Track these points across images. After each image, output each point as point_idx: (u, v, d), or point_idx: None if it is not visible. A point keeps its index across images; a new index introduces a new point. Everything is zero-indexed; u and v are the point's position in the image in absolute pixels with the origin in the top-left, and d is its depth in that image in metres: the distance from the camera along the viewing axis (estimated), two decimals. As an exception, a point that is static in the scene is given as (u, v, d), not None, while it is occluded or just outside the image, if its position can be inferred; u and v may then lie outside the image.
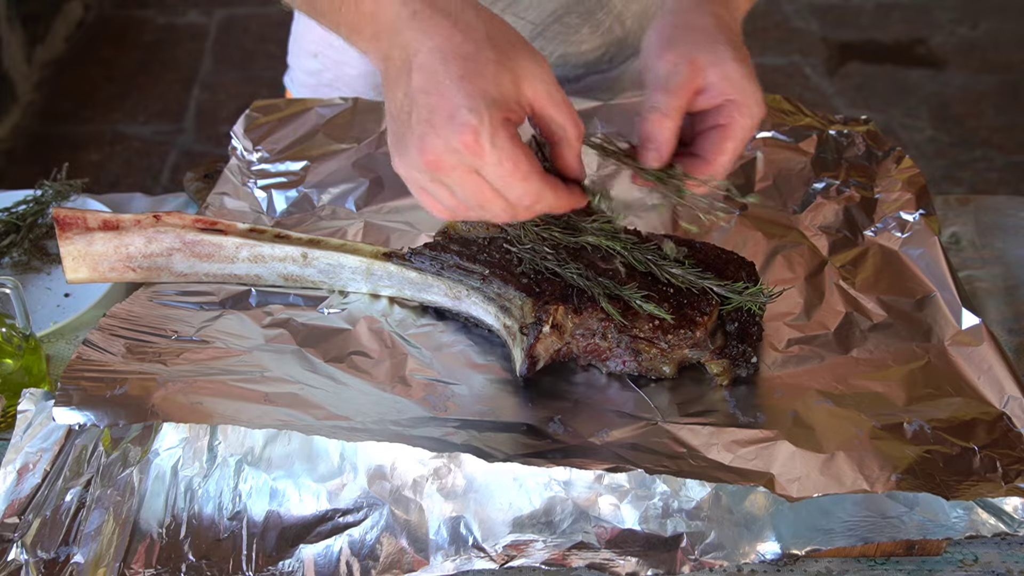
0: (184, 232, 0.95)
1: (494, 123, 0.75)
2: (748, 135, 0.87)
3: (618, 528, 0.80)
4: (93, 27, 3.65)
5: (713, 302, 0.87)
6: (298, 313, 0.94)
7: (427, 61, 0.76)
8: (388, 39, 0.79)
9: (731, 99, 0.86)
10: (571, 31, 1.20)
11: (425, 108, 0.76)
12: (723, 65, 0.86)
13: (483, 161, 0.75)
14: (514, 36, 0.79)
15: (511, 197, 0.78)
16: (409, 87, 0.77)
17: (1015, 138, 3.11)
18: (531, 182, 0.77)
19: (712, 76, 0.86)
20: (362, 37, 0.82)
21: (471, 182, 0.77)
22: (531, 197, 0.78)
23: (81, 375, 0.83)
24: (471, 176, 0.77)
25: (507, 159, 0.75)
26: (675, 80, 0.86)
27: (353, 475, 0.82)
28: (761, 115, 0.88)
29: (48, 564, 0.79)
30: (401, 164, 0.79)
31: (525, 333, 0.86)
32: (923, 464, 0.79)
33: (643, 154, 0.87)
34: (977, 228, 1.18)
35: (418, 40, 0.77)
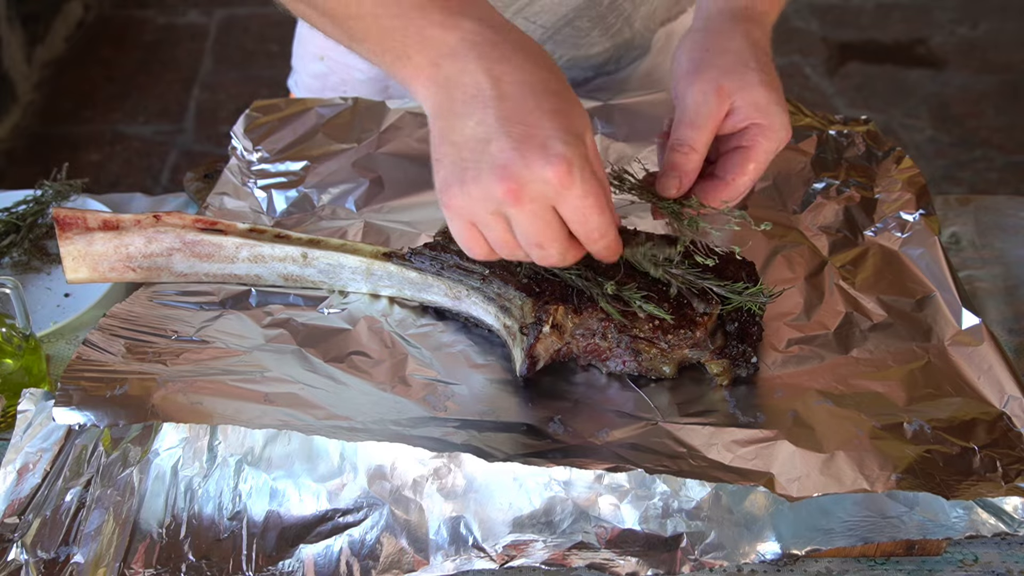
0: (184, 232, 0.95)
1: (583, 157, 0.75)
2: (770, 158, 0.89)
3: (618, 528, 0.80)
4: (93, 27, 3.65)
5: (713, 302, 0.87)
6: (298, 313, 0.94)
7: (515, 92, 0.75)
8: (456, 65, 0.77)
9: (756, 123, 0.88)
10: (581, 35, 1.20)
11: (512, 138, 0.74)
12: (751, 90, 0.87)
13: (571, 192, 0.74)
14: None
15: (588, 227, 0.77)
16: (489, 114, 0.75)
17: (1015, 138, 3.11)
18: (606, 215, 0.77)
19: (739, 101, 0.87)
20: (413, 62, 0.79)
21: (543, 217, 0.76)
22: (602, 231, 0.78)
23: (81, 375, 0.83)
24: (546, 210, 0.76)
25: (593, 192, 0.75)
26: (703, 111, 0.87)
27: (353, 475, 0.82)
28: (786, 139, 0.89)
29: (48, 564, 0.79)
30: (460, 194, 0.76)
31: (525, 333, 0.86)
32: (923, 464, 0.79)
33: (664, 182, 0.88)
34: (977, 228, 1.18)
35: (500, 70, 0.76)
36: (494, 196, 0.75)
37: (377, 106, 1.21)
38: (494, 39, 0.77)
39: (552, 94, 0.76)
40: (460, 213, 0.78)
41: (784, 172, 1.13)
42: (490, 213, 0.76)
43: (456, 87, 0.76)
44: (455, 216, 0.78)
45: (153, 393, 0.82)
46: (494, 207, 0.76)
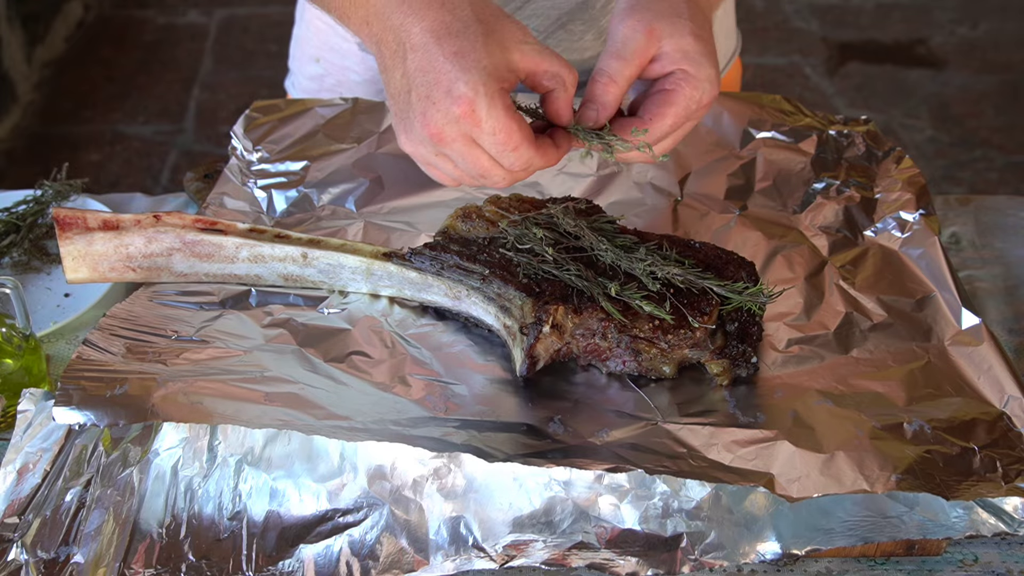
0: (184, 232, 0.95)
1: (489, 93, 0.81)
2: (693, 108, 0.90)
3: (618, 528, 0.80)
4: (93, 27, 3.65)
5: (713, 302, 0.87)
6: (298, 313, 0.94)
7: (421, 41, 0.82)
8: (379, 23, 0.85)
9: (683, 68, 0.89)
10: (575, 38, 1.20)
11: (424, 85, 0.82)
12: (681, 38, 0.89)
13: (480, 130, 0.82)
14: (496, 8, 0.85)
15: (504, 163, 0.85)
16: (406, 67, 0.83)
17: (1015, 138, 3.11)
18: (521, 151, 0.84)
19: (667, 46, 0.89)
20: (352, 21, 0.88)
21: (471, 152, 0.84)
22: (521, 163, 0.85)
23: (81, 375, 0.83)
24: (470, 146, 0.84)
25: (501, 129, 0.82)
26: (630, 47, 0.89)
27: (353, 475, 0.82)
28: (712, 93, 0.90)
29: (48, 564, 0.79)
30: (407, 141, 0.86)
31: (525, 333, 0.86)
32: (923, 464, 0.79)
33: (583, 112, 0.91)
34: (977, 228, 1.18)
35: (409, 22, 0.83)
36: (426, 140, 0.84)
37: (377, 106, 1.21)
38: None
39: (454, 35, 0.82)
40: (415, 155, 0.88)
41: (784, 172, 1.13)
42: (433, 155, 0.86)
43: (383, 44, 0.86)
44: (413, 157, 0.89)
45: (153, 393, 0.82)
46: (432, 148, 0.85)
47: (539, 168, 0.87)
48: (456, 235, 0.96)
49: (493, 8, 0.85)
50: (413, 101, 0.83)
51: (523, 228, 0.92)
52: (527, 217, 0.94)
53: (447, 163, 0.86)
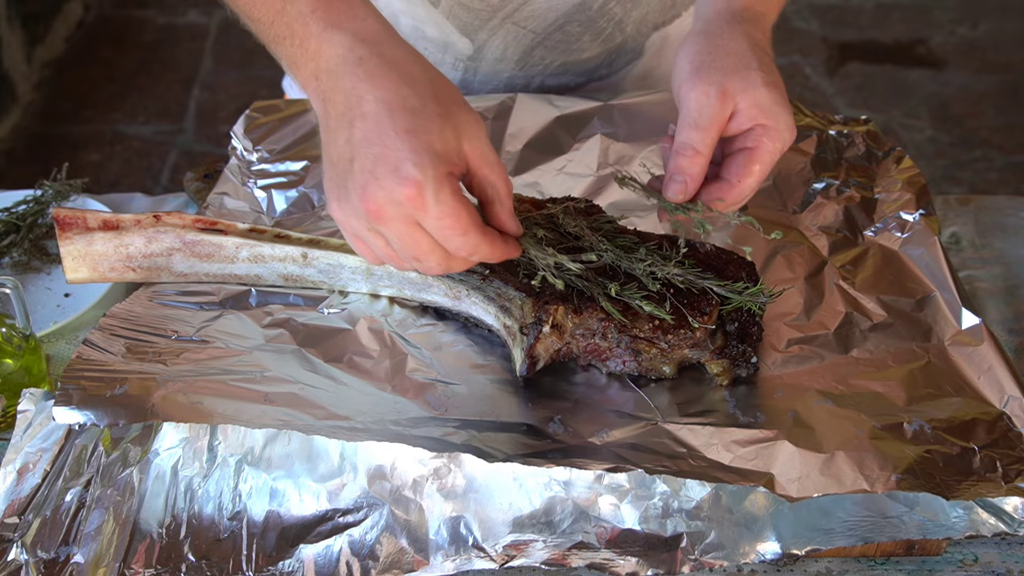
0: (184, 232, 0.95)
1: (438, 177, 0.75)
2: (775, 158, 0.89)
3: (618, 528, 0.80)
4: (93, 27, 3.65)
5: (713, 302, 0.87)
6: (298, 313, 0.94)
7: (372, 111, 0.76)
8: (330, 81, 0.79)
9: (761, 124, 0.88)
10: (572, 40, 1.20)
11: (369, 158, 0.76)
12: (754, 91, 0.87)
13: (426, 214, 0.76)
14: (455, 92, 0.80)
15: (449, 248, 0.79)
16: (352, 135, 0.77)
17: (1015, 138, 3.11)
18: (469, 236, 0.78)
19: (743, 103, 0.87)
20: (302, 73, 0.82)
21: (410, 234, 0.78)
22: (467, 250, 0.79)
23: (81, 375, 0.83)
24: (411, 228, 0.77)
25: (448, 214, 0.76)
26: (707, 113, 0.87)
27: (353, 475, 0.82)
28: (791, 140, 0.89)
29: (48, 564, 0.79)
30: (339, 209, 0.79)
31: (525, 333, 0.86)
32: (923, 464, 0.79)
33: (670, 187, 0.89)
34: (977, 228, 1.18)
35: (363, 88, 0.77)
36: (362, 215, 0.77)
37: None
38: (362, 54, 0.78)
39: (409, 112, 0.76)
40: (344, 225, 0.81)
41: (784, 172, 1.13)
42: (366, 229, 0.79)
43: (330, 103, 0.79)
44: (341, 227, 0.81)
45: (153, 393, 0.82)
46: (366, 223, 0.78)
47: (485, 258, 0.81)
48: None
49: (453, 92, 0.80)
50: (355, 171, 0.77)
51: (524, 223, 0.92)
52: (527, 217, 0.94)
53: (379, 241, 0.80)
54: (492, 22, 1.13)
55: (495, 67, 1.19)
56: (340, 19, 0.80)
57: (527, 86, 1.21)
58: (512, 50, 1.17)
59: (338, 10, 0.80)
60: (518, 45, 1.17)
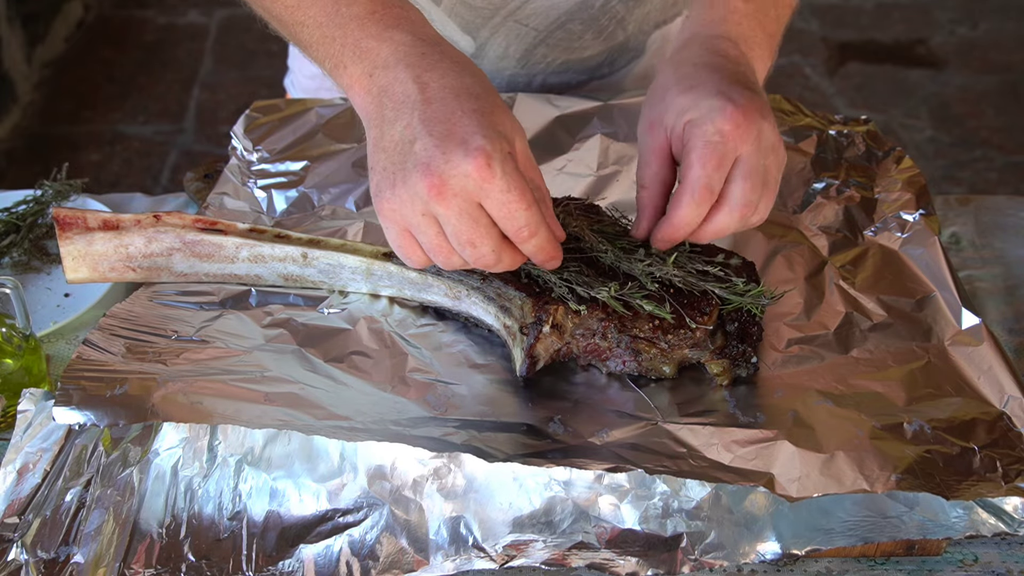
0: (184, 232, 0.95)
1: (504, 152, 0.76)
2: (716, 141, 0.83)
3: (618, 528, 0.80)
4: (93, 27, 3.65)
5: (713, 302, 0.87)
6: (298, 313, 0.94)
7: (439, 95, 0.78)
8: (389, 74, 0.80)
9: (686, 121, 0.85)
10: (574, 37, 1.20)
11: (435, 136, 0.76)
12: (673, 101, 0.86)
13: (492, 186, 0.76)
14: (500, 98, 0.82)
15: (511, 228, 0.78)
16: (414, 119, 0.78)
17: (1015, 138, 3.11)
18: (533, 211, 0.78)
19: (669, 120, 0.86)
20: (350, 72, 0.83)
21: (469, 213, 0.77)
22: (531, 228, 0.78)
23: (81, 375, 0.83)
24: (471, 206, 0.77)
25: (515, 187, 0.76)
26: (643, 147, 0.89)
27: (353, 475, 0.82)
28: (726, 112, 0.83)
29: (48, 564, 0.79)
30: (392, 198, 0.79)
31: (525, 333, 0.86)
32: (923, 464, 0.79)
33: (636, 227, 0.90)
34: (977, 228, 1.18)
35: (428, 76, 0.79)
36: (420, 194, 0.77)
37: None
38: (424, 50, 0.80)
39: (475, 97, 0.78)
40: (393, 218, 0.80)
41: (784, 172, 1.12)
42: (420, 214, 0.78)
43: (387, 95, 0.80)
44: (389, 222, 0.80)
45: (153, 393, 0.82)
46: (422, 206, 0.77)
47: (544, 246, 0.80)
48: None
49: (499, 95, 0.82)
50: (417, 151, 0.77)
51: None
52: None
53: (432, 228, 0.79)
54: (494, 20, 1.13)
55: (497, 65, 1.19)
56: (399, 22, 0.83)
57: (529, 84, 1.21)
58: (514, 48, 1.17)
59: (395, 15, 0.83)
60: (520, 43, 1.17)
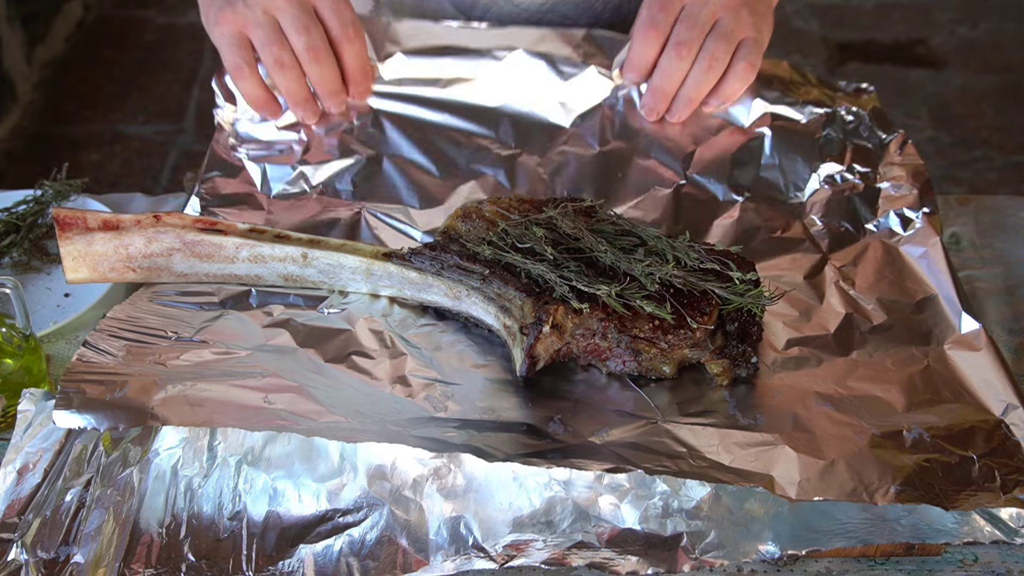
0: (184, 232, 0.95)
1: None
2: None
3: (618, 527, 0.80)
4: (93, 27, 3.65)
5: (713, 302, 0.87)
6: (298, 313, 0.94)
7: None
8: None
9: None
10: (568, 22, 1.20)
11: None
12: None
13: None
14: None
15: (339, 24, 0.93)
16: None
17: (1015, 138, 3.11)
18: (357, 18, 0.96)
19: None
20: None
21: (305, 7, 0.92)
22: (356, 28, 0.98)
23: (81, 378, 0.83)
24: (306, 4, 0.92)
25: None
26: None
27: (353, 475, 0.82)
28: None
29: (48, 564, 0.79)
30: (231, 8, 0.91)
31: (525, 333, 0.86)
32: (922, 474, 0.79)
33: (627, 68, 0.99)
34: (977, 228, 1.18)
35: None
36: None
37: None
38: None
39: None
40: (230, 25, 0.91)
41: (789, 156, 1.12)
42: (261, 12, 0.89)
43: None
44: (225, 34, 0.92)
45: (153, 396, 0.82)
46: (262, 5, 0.88)
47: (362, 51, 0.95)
48: (456, 235, 0.96)
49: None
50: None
51: (523, 229, 0.92)
52: (527, 218, 0.94)
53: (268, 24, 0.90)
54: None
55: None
56: None
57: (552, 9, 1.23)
58: None
59: None
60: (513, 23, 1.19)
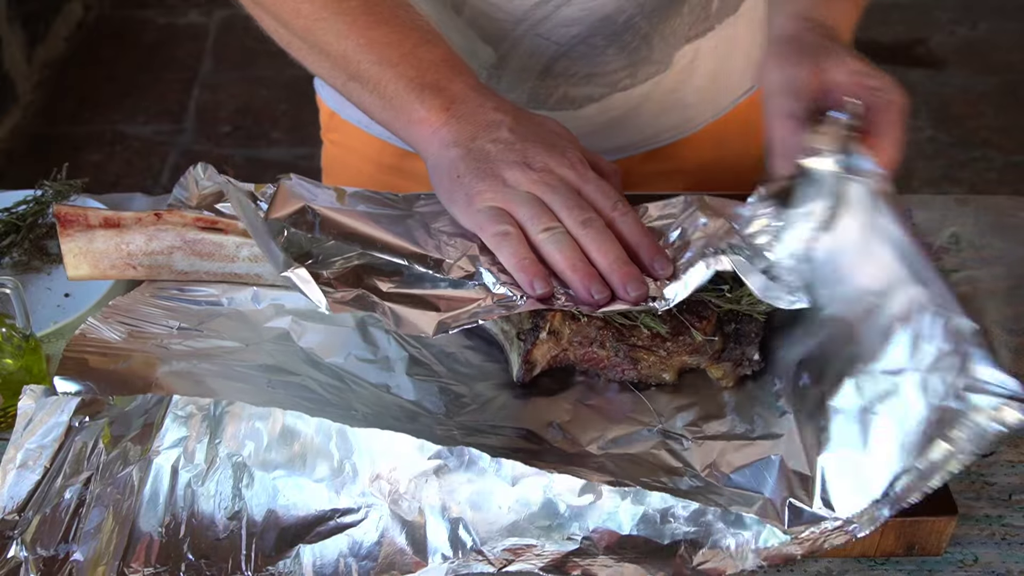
0: (185, 231, 0.95)
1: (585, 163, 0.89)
2: (902, 116, 0.87)
3: (616, 533, 0.79)
4: (93, 27, 3.65)
5: (711, 307, 0.87)
6: (298, 312, 0.94)
7: (521, 116, 0.90)
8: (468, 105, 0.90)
9: (867, 86, 0.86)
10: (597, 52, 1.17)
11: (531, 140, 0.88)
12: (843, 62, 0.87)
13: (589, 175, 0.87)
14: None
15: (608, 204, 0.86)
16: (503, 131, 0.88)
17: (1015, 138, 3.11)
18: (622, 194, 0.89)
19: (837, 75, 0.87)
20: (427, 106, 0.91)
21: (572, 190, 0.86)
22: (624, 205, 0.87)
23: (84, 349, 0.83)
24: (573, 188, 0.86)
25: (603, 184, 0.88)
26: (797, 83, 0.87)
27: (353, 475, 0.82)
28: (905, 101, 0.88)
29: (47, 561, 0.79)
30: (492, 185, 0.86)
31: (522, 338, 0.86)
32: None
33: (772, 160, 0.88)
34: (977, 228, 1.18)
35: (505, 106, 0.91)
36: (521, 177, 0.85)
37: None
38: (486, 91, 0.92)
39: (549, 123, 0.91)
40: (490, 200, 0.85)
41: None
42: (525, 189, 0.85)
43: (469, 120, 0.89)
44: (482, 207, 0.85)
45: (156, 369, 0.82)
46: (526, 184, 0.85)
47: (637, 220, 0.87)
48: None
49: None
50: (517, 149, 0.86)
51: None
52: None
53: (532, 201, 0.85)
54: (515, 33, 1.12)
55: (518, 76, 1.18)
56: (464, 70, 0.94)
57: (550, 96, 1.19)
58: (535, 60, 1.16)
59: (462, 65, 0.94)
60: (541, 56, 1.15)
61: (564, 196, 0.84)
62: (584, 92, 1.20)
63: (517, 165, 0.85)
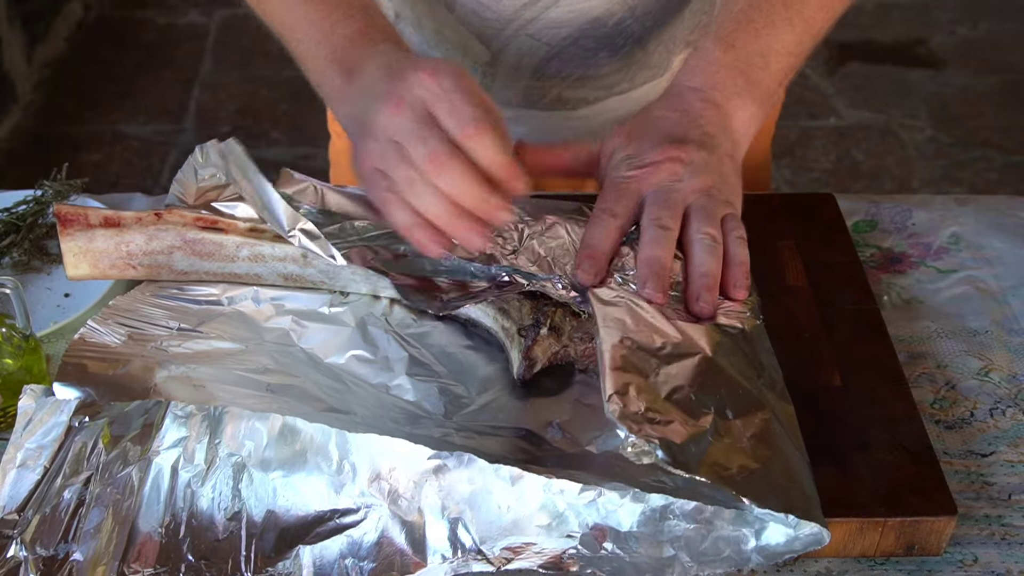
0: (185, 230, 0.95)
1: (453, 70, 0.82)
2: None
3: (617, 531, 0.80)
4: (93, 27, 3.65)
5: None
6: (298, 312, 0.94)
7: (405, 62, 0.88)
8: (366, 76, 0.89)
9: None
10: (588, 54, 1.17)
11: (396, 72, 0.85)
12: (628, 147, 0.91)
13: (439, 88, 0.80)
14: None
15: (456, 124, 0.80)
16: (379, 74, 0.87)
17: (1015, 138, 3.11)
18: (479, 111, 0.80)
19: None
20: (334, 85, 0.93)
21: (422, 117, 0.81)
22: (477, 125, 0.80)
23: (83, 354, 0.83)
24: (424, 113, 0.81)
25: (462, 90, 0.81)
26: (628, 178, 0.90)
27: (353, 475, 0.82)
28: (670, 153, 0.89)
29: (47, 561, 0.79)
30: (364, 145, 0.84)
31: (523, 335, 0.86)
32: None
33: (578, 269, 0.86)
34: (977, 228, 1.18)
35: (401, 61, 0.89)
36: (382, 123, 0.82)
37: None
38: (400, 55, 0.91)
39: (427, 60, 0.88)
40: (367, 162, 0.84)
41: None
42: (385, 140, 0.82)
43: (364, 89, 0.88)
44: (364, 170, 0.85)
45: (155, 374, 0.82)
46: (385, 133, 0.82)
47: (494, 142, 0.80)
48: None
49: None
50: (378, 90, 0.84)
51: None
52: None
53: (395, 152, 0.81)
54: (505, 32, 1.13)
55: (512, 75, 1.18)
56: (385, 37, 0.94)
57: (543, 96, 1.19)
58: (527, 60, 1.16)
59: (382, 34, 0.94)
60: (533, 56, 1.15)
61: (410, 130, 0.80)
62: (579, 94, 1.20)
63: (382, 110, 0.82)
